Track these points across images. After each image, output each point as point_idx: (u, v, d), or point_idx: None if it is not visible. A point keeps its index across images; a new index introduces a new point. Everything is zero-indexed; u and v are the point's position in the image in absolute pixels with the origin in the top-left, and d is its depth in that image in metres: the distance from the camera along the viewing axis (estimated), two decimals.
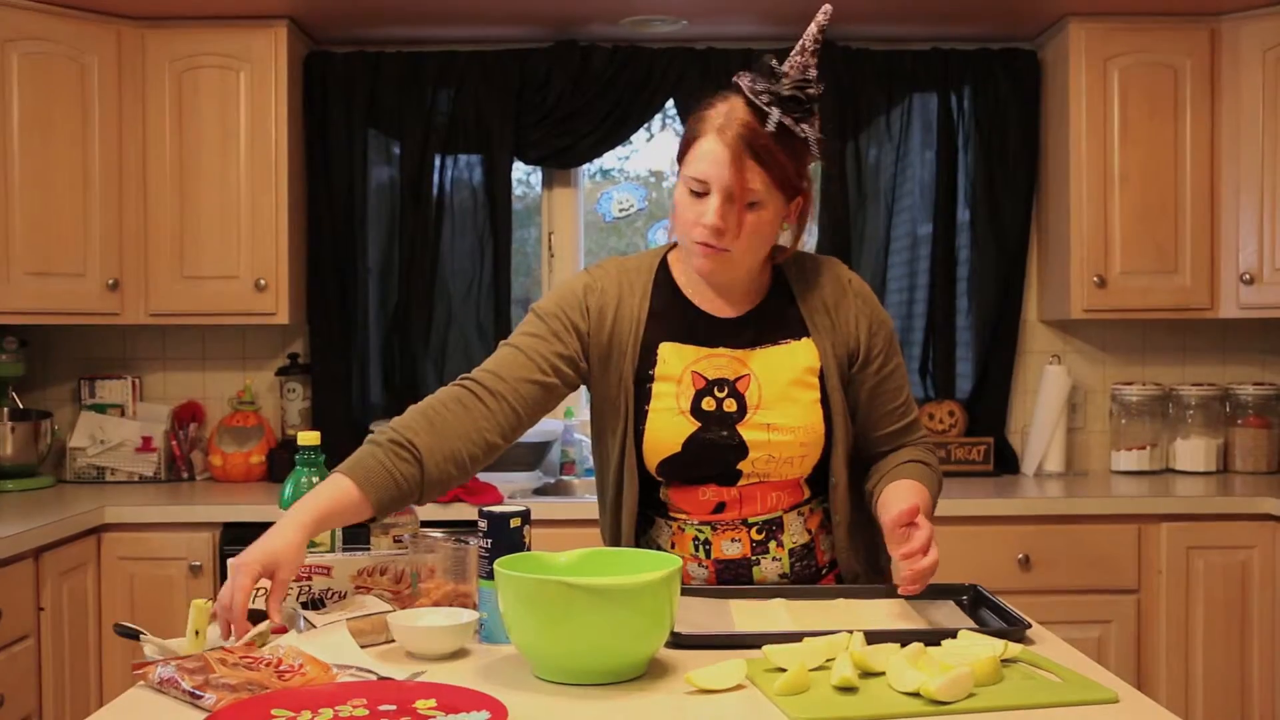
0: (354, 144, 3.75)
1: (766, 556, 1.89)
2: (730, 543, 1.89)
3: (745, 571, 1.90)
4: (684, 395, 1.85)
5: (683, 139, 1.85)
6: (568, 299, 1.89)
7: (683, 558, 1.89)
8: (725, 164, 1.76)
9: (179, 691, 1.44)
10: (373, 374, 3.82)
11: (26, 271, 3.34)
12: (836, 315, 1.90)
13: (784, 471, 1.87)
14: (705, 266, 1.82)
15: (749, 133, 1.76)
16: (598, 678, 1.50)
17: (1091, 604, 3.22)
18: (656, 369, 1.87)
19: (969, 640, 1.60)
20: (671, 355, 1.87)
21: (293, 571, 1.63)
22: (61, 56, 3.39)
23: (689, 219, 1.80)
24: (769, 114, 1.77)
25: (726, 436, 1.84)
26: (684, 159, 1.83)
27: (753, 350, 1.87)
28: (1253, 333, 3.87)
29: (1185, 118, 3.54)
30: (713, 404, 1.85)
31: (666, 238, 2.07)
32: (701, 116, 1.82)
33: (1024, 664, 1.58)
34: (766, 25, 3.70)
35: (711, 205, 1.77)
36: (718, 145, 1.77)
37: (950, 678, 1.43)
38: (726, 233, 1.78)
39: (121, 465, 3.69)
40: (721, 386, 1.85)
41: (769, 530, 1.89)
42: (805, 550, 1.91)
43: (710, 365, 1.86)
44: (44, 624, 2.91)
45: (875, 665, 1.50)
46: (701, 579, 1.91)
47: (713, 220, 1.77)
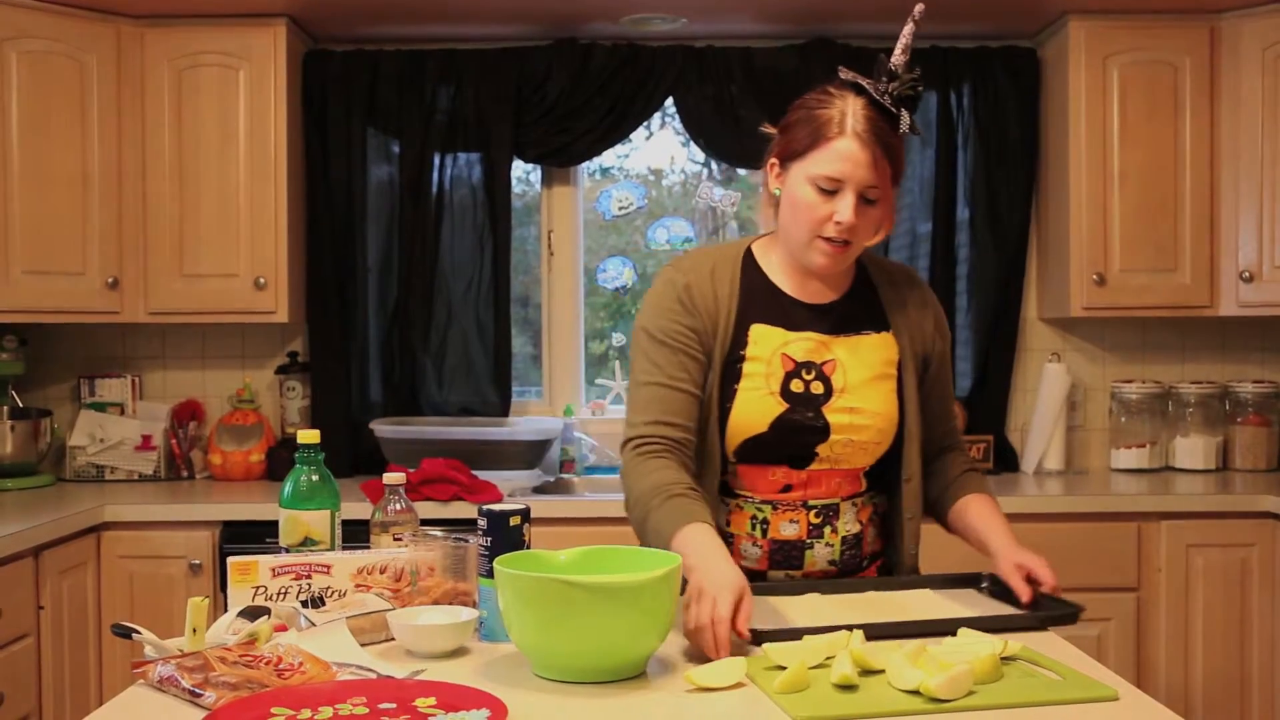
0: (353, 142, 3.75)
1: (820, 541, 1.93)
2: (789, 524, 1.93)
3: (798, 554, 1.93)
4: (774, 376, 1.90)
5: (795, 138, 1.87)
6: (672, 307, 1.92)
7: (736, 536, 1.93)
8: (864, 164, 1.81)
9: (179, 690, 1.44)
10: (372, 372, 3.82)
11: (26, 270, 3.34)
12: (916, 315, 1.99)
13: (855, 459, 1.93)
14: (827, 265, 1.88)
15: (882, 132, 1.82)
16: (597, 676, 1.50)
17: (1091, 602, 3.17)
18: (747, 349, 1.91)
19: (969, 638, 1.60)
20: (762, 336, 1.91)
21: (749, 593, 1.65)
22: (61, 55, 3.39)
23: (817, 216, 1.84)
24: (900, 116, 1.83)
25: (812, 418, 1.89)
26: (804, 157, 1.85)
27: (837, 337, 1.93)
28: (1252, 331, 3.87)
29: (1185, 116, 3.53)
30: (801, 386, 1.90)
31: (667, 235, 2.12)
32: (823, 117, 1.84)
33: (1024, 662, 1.58)
34: (766, 23, 3.70)
35: (848, 204, 1.82)
36: (856, 146, 1.81)
37: (950, 676, 1.43)
38: (857, 229, 1.84)
39: (121, 464, 3.69)
40: (809, 369, 1.90)
41: (826, 515, 1.93)
42: (855, 540, 1.96)
43: (798, 348, 1.91)
44: (44, 622, 2.91)
45: (875, 663, 1.51)
46: (754, 558, 1.94)
47: (849, 219, 1.82)
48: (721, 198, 4.10)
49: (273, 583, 1.74)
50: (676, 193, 4.22)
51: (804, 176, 1.85)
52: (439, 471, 3.26)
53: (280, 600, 1.74)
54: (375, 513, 1.94)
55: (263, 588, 1.73)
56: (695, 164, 4.18)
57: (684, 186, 4.21)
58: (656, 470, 1.84)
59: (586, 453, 3.83)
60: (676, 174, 4.21)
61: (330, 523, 1.88)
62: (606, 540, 1.84)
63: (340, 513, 1.92)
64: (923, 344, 1.99)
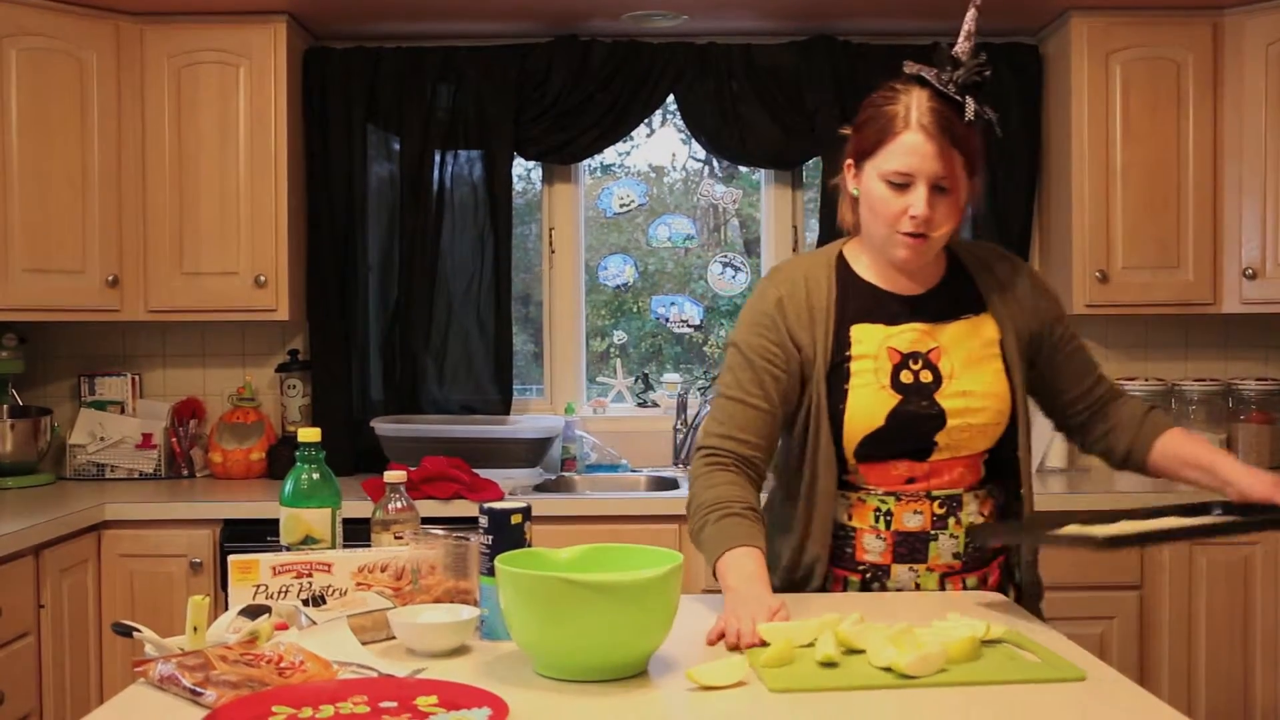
0: (354, 140, 3.74)
1: (945, 532, 1.93)
2: (913, 515, 1.92)
3: (922, 546, 1.93)
4: (882, 370, 1.91)
5: (865, 136, 1.89)
6: (761, 322, 1.96)
7: (859, 530, 1.94)
8: (932, 156, 1.82)
9: (179, 688, 1.44)
10: (373, 370, 3.82)
11: (25, 268, 3.34)
12: (1011, 290, 2.00)
13: (975, 444, 1.93)
14: (911, 257, 1.89)
15: (947, 122, 1.82)
16: (599, 674, 1.49)
17: (1094, 600, 3.22)
18: (852, 349, 1.93)
19: (956, 622, 1.67)
20: (864, 335, 1.93)
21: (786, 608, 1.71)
22: (60, 52, 3.38)
23: (892, 211, 1.85)
24: (965, 104, 1.83)
25: (926, 406, 1.90)
26: (874, 155, 1.87)
27: (938, 324, 1.94)
28: (1255, 328, 3.86)
29: (1188, 112, 3.53)
30: (910, 376, 1.91)
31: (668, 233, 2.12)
32: (889, 113, 1.85)
33: (1008, 644, 1.65)
34: (767, 20, 3.69)
35: (920, 196, 1.83)
36: (921, 138, 1.82)
37: (921, 654, 1.51)
38: (933, 220, 1.85)
39: (121, 462, 3.68)
40: (916, 359, 1.92)
41: (950, 506, 1.93)
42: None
43: (902, 340, 1.93)
44: (44, 621, 2.90)
45: (858, 643, 1.58)
46: (878, 551, 1.94)
47: (923, 211, 1.83)
48: (722, 195, 4.10)
49: (273, 581, 1.74)
50: (678, 190, 4.21)
51: (876, 173, 1.87)
52: (440, 470, 3.26)
53: (281, 599, 1.73)
54: (376, 511, 1.93)
55: (263, 586, 1.73)
56: (696, 161, 4.18)
57: (685, 184, 4.21)
58: (722, 485, 1.90)
59: (588, 451, 3.83)
60: (678, 171, 4.20)
61: (331, 521, 1.88)
62: (608, 538, 1.85)
63: (341, 511, 1.91)
64: (1023, 317, 1.99)
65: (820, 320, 1.93)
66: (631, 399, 4.04)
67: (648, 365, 4.14)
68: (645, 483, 3.72)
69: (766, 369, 1.93)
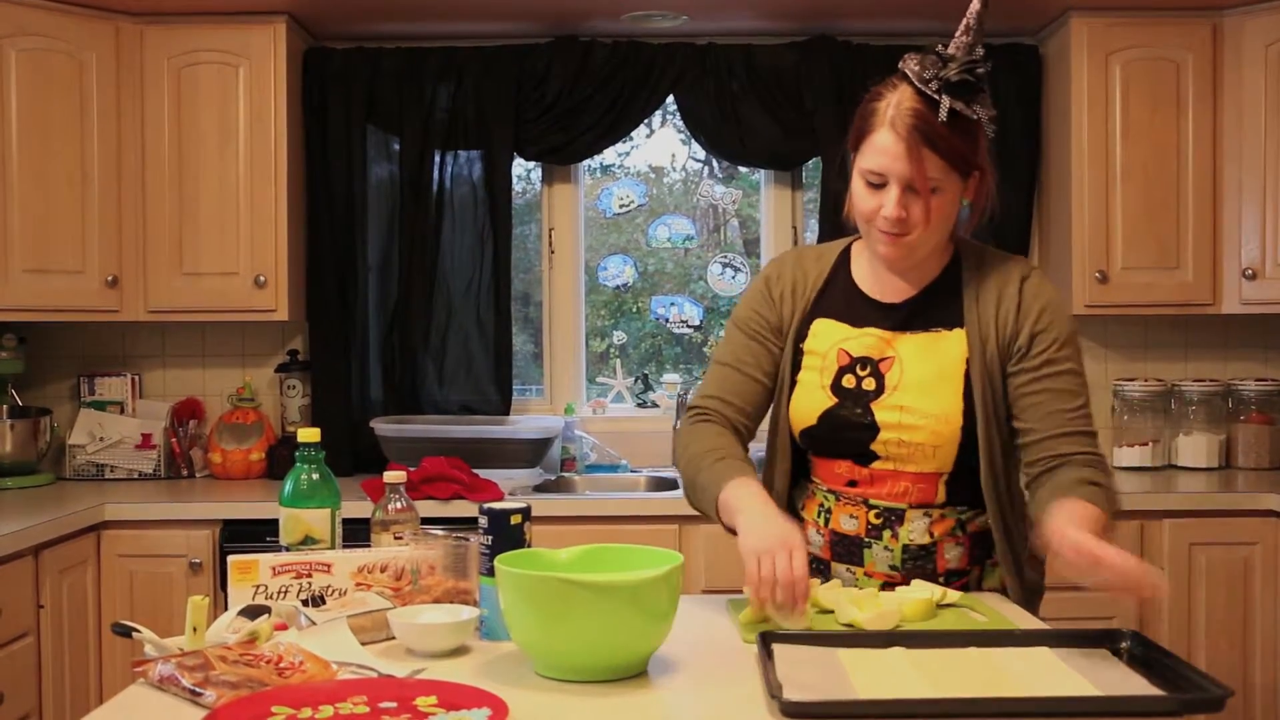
0: (353, 140, 3.74)
1: (879, 543, 1.90)
2: (848, 518, 1.93)
3: (857, 551, 1.92)
4: (827, 370, 1.92)
5: (854, 131, 1.89)
6: (755, 299, 2.01)
7: (806, 521, 1.98)
8: (901, 156, 1.79)
9: (179, 689, 1.44)
10: (372, 370, 3.82)
11: (25, 268, 3.33)
12: (997, 306, 1.90)
13: (917, 461, 1.88)
14: (890, 253, 1.88)
15: (921, 122, 1.79)
16: (598, 675, 1.49)
17: (1094, 600, 3.17)
18: (806, 342, 1.96)
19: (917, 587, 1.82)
20: (822, 330, 1.96)
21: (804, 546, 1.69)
22: (60, 53, 3.38)
23: (868, 209, 1.86)
24: (939, 102, 1.79)
25: (860, 414, 1.89)
26: (858, 151, 1.87)
27: (901, 334, 1.91)
28: (1255, 328, 3.86)
29: (1187, 113, 3.53)
30: (853, 381, 1.91)
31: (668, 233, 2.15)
32: (871, 109, 1.85)
33: (963, 608, 1.80)
34: (766, 20, 3.69)
35: (891, 197, 1.82)
36: (891, 138, 1.80)
37: (879, 612, 1.68)
38: (908, 221, 1.83)
39: (121, 462, 3.68)
40: (864, 365, 1.91)
41: (887, 518, 1.90)
42: (923, 551, 1.90)
43: (858, 344, 1.92)
44: (44, 621, 2.90)
45: (828, 603, 1.76)
46: (818, 546, 1.96)
47: (893, 212, 1.82)
48: (722, 195, 4.10)
49: (273, 581, 1.73)
50: (677, 190, 4.21)
51: (857, 170, 1.88)
52: (440, 470, 3.26)
53: (280, 599, 1.73)
54: (376, 511, 1.93)
55: (263, 586, 1.73)
56: (696, 161, 4.18)
57: (685, 184, 4.21)
58: (712, 436, 1.92)
59: (587, 451, 3.83)
60: (677, 172, 4.20)
61: (331, 521, 1.88)
62: (607, 539, 1.84)
63: (341, 511, 1.91)
64: (1004, 335, 1.87)
65: (798, 307, 1.97)
66: (631, 399, 4.03)
67: (647, 365, 4.14)
68: (645, 483, 3.72)
69: (757, 338, 1.98)
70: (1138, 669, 1.50)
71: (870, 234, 1.88)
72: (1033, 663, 1.51)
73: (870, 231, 1.88)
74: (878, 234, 1.86)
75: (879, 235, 1.86)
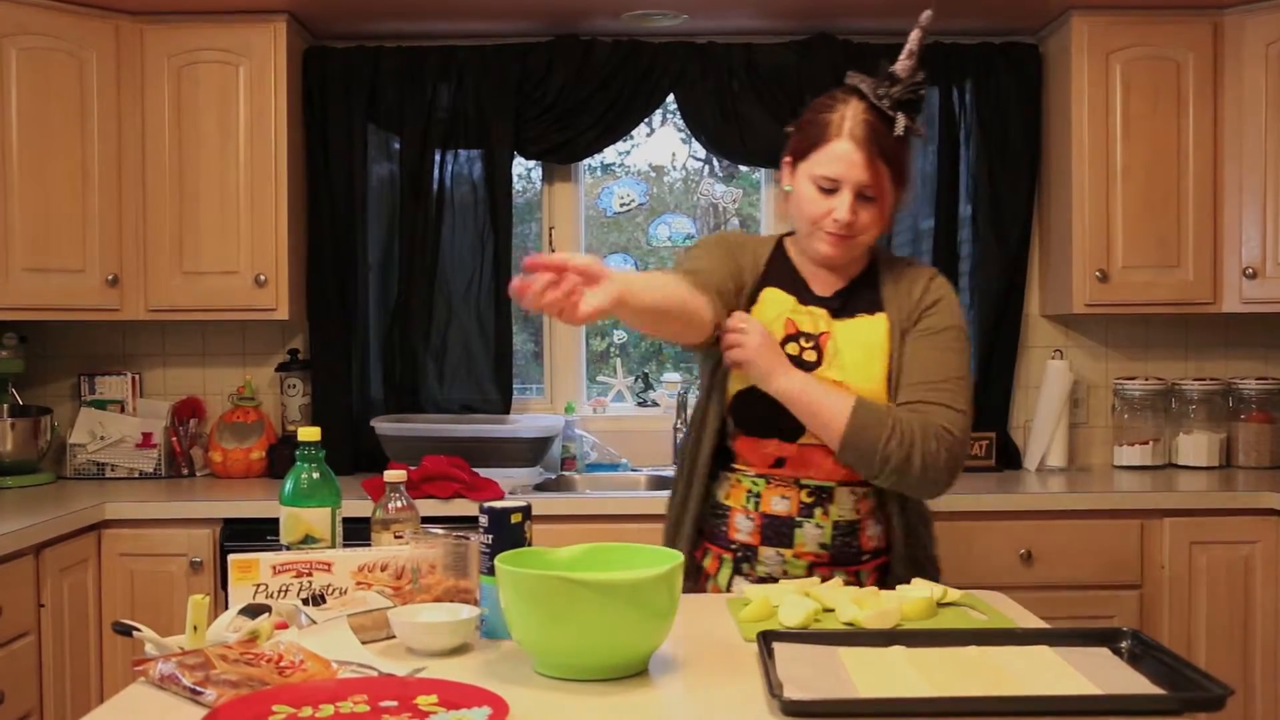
0: (354, 139, 3.74)
1: (810, 521, 2.00)
2: (780, 499, 2.01)
3: (788, 531, 2.00)
4: (774, 335, 2.00)
5: (802, 138, 2.01)
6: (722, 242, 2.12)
7: (732, 509, 2.05)
8: (859, 165, 1.93)
9: (179, 687, 1.44)
10: (373, 369, 3.82)
11: (25, 267, 3.34)
12: (906, 295, 2.05)
13: None
14: (834, 253, 2.01)
15: (877, 135, 1.94)
16: (599, 673, 1.49)
17: (1094, 599, 3.22)
18: (755, 308, 2.06)
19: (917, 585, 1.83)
20: (771, 299, 2.06)
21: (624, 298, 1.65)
22: (60, 52, 3.38)
23: (818, 212, 1.98)
24: (895, 119, 1.94)
25: None
26: (807, 157, 1.99)
27: (836, 319, 2.04)
28: (1255, 327, 3.86)
29: (1188, 111, 3.53)
30: (796, 349, 2.02)
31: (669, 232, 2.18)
32: (825, 120, 1.97)
33: (964, 607, 1.82)
34: (767, 20, 3.69)
35: (844, 202, 1.95)
36: (851, 147, 1.94)
37: (879, 610, 1.69)
38: (855, 224, 1.97)
39: (121, 461, 3.68)
40: (808, 339, 2.03)
41: (819, 496, 2.01)
42: (850, 528, 2.02)
43: (802, 318, 2.04)
44: (44, 620, 2.90)
45: (829, 602, 1.77)
46: (747, 531, 2.03)
47: (845, 216, 1.95)
48: (723, 194, 4.10)
49: (273, 580, 1.74)
50: (678, 189, 4.21)
51: (807, 175, 1.98)
52: (440, 469, 3.26)
53: (281, 598, 1.73)
54: (376, 510, 1.94)
55: (263, 585, 1.73)
56: (697, 160, 4.18)
57: (685, 183, 4.21)
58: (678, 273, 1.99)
59: (588, 450, 3.83)
60: (678, 170, 4.20)
61: (331, 520, 1.88)
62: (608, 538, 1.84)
63: (341, 510, 1.91)
64: (907, 318, 2.03)
65: (748, 275, 2.07)
66: (631, 398, 4.04)
67: (648, 365, 4.14)
68: (645, 482, 3.72)
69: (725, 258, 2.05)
70: (1138, 667, 1.50)
71: (815, 235, 2.00)
72: (1033, 661, 1.51)
73: (815, 233, 2.00)
74: (824, 235, 1.99)
75: (825, 236, 1.99)
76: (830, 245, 1.99)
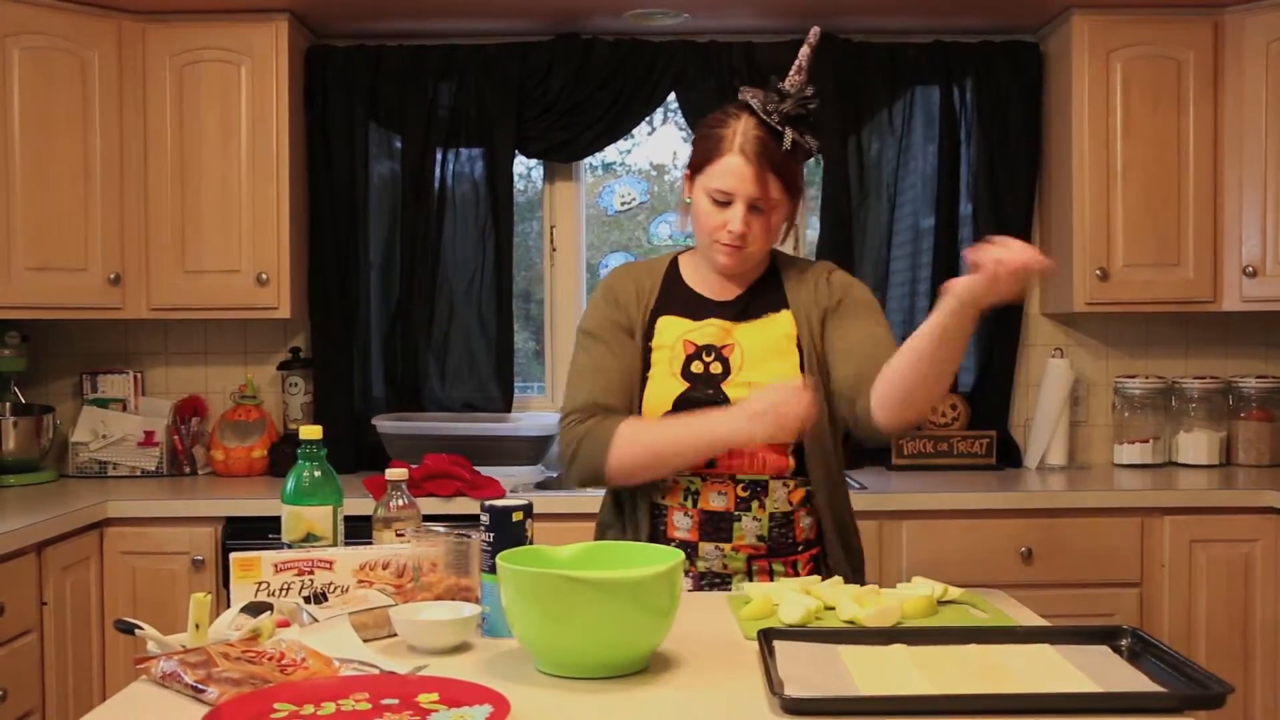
0: (355, 138, 3.74)
1: (748, 514, 2.06)
2: (717, 495, 2.06)
3: (726, 526, 2.06)
4: (676, 360, 2.09)
5: (697, 152, 2.07)
6: (602, 307, 2.15)
7: (670, 508, 2.08)
8: (749, 179, 2.00)
9: (181, 685, 1.44)
10: (374, 368, 3.82)
11: (28, 266, 3.34)
12: (810, 287, 2.13)
13: None
14: (729, 264, 2.08)
15: (766, 149, 2.00)
16: (600, 671, 1.50)
17: (1094, 597, 3.22)
18: (654, 340, 2.12)
19: (918, 584, 1.85)
20: (667, 327, 2.12)
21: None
22: (62, 51, 3.39)
23: (713, 225, 2.05)
24: (783, 134, 2.01)
25: (712, 395, 2.05)
26: (702, 171, 2.05)
27: (738, 323, 2.11)
28: (1256, 325, 3.86)
29: (1188, 110, 3.53)
30: (700, 367, 2.07)
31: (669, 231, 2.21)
32: (718, 135, 2.04)
33: (964, 605, 1.84)
34: (766, 18, 3.69)
35: (736, 214, 2.02)
36: (741, 162, 2.00)
37: (879, 609, 1.70)
38: (748, 235, 2.03)
39: (124, 460, 3.69)
40: (709, 352, 2.08)
41: (754, 490, 2.06)
42: (785, 519, 2.08)
43: (700, 334, 2.10)
44: (46, 619, 2.91)
45: (829, 600, 1.79)
46: (686, 528, 2.08)
47: (739, 228, 2.02)
48: None
49: (275, 578, 1.74)
50: (679, 188, 4.21)
51: (703, 189, 2.06)
52: (442, 467, 3.26)
53: (283, 596, 1.74)
54: (378, 508, 1.94)
55: (265, 583, 1.74)
56: None
57: None
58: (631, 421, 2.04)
59: None
60: (679, 169, 4.20)
61: (333, 518, 1.88)
62: None
63: (343, 508, 1.92)
64: (816, 306, 2.10)
65: (638, 312, 2.12)
66: None
67: None
68: None
69: (613, 338, 2.11)
70: (1138, 665, 1.51)
71: (712, 247, 2.07)
72: (1033, 659, 1.52)
73: (711, 245, 2.06)
74: (719, 247, 2.05)
75: (719, 248, 2.05)
76: (726, 256, 2.05)
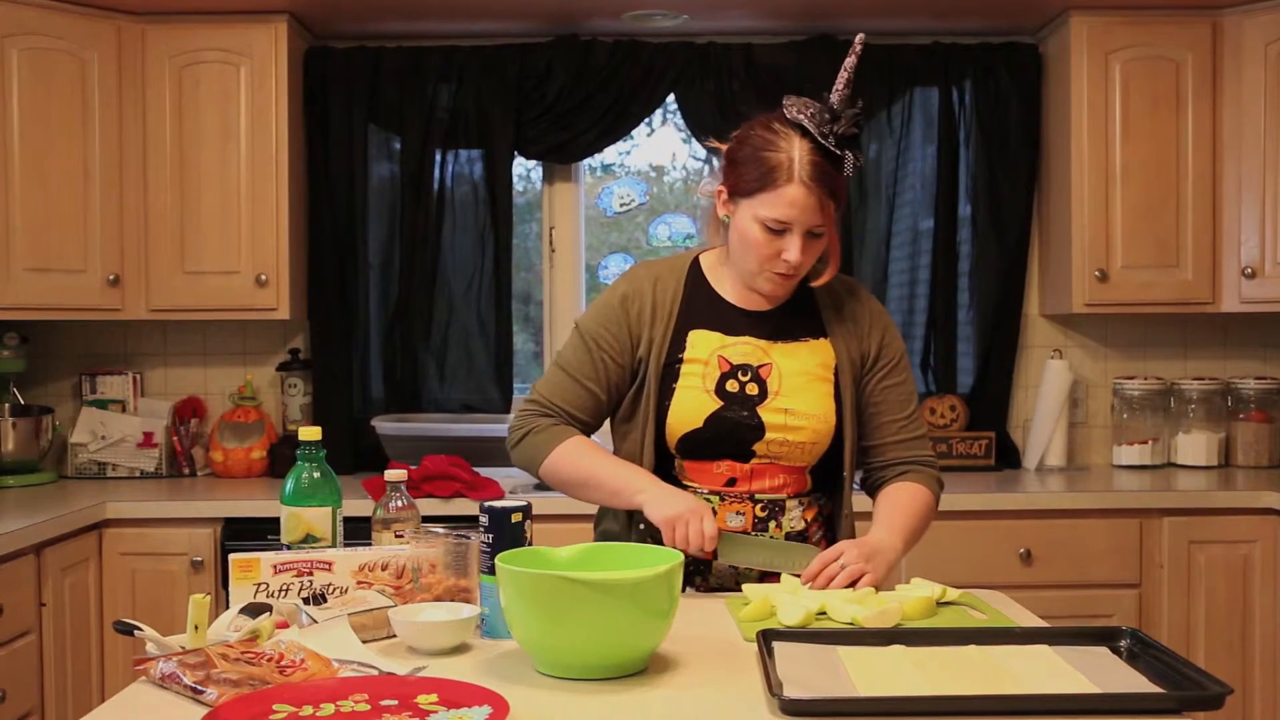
0: (354, 139, 3.74)
1: (765, 534, 2.01)
2: (735, 515, 2.01)
3: None
4: (710, 376, 2.00)
5: (747, 177, 1.93)
6: (607, 316, 2.06)
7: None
8: (811, 209, 1.90)
9: (180, 686, 1.44)
10: (373, 369, 3.82)
11: (27, 267, 3.34)
12: (852, 321, 2.07)
13: (794, 456, 2.01)
14: (780, 292, 2.00)
15: (826, 176, 1.89)
16: (599, 673, 1.50)
17: (1093, 599, 3.22)
18: (685, 353, 2.02)
19: (916, 585, 1.85)
20: (699, 340, 2.03)
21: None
22: (62, 52, 3.39)
23: (766, 254, 1.94)
24: (843, 159, 1.90)
25: (746, 417, 1.98)
26: (753, 197, 1.92)
27: (774, 343, 2.03)
28: (1254, 327, 3.86)
29: (1187, 112, 3.53)
30: (736, 386, 1.99)
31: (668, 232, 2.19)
32: (772, 160, 1.90)
33: (964, 606, 1.84)
34: (766, 20, 3.70)
35: (794, 245, 1.92)
36: (803, 193, 1.89)
37: (879, 610, 1.69)
38: (804, 264, 1.96)
39: (123, 461, 3.69)
40: (745, 371, 2.00)
41: (772, 510, 2.02)
42: (800, 538, 2.04)
43: (735, 351, 2.02)
44: (45, 620, 2.91)
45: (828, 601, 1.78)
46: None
47: (796, 258, 1.92)
48: None
49: (274, 580, 1.74)
50: (678, 189, 4.22)
51: (752, 215, 1.93)
52: (441, 468, 3.27)
53: (282, 597, 1.74)
54: (377, 509, 1.94)
55: (264, 585, 1.74)
56: (697, 160, 4.18)
57: (685, 183, 4.21)
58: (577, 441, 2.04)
59: None
60: (678, 171, 4.20)
61: (332, 520, 1.88)
62: None
63: (342, 510, 1.92)
64: (861, 347, 2.06)
65: (661, 320, 2.03)
66: None
67: None
68: None
69: (601, 356, 2.04)
70: (1137, 666, 1.51)
71: (760, 274, 1.97)
72: (1032, 661, 1.52)
73: (760, 271, 1.97)
74: (769, 274, 1.96)
75: (770, 276, 1.97)
76: (777, 284, 1.98)
